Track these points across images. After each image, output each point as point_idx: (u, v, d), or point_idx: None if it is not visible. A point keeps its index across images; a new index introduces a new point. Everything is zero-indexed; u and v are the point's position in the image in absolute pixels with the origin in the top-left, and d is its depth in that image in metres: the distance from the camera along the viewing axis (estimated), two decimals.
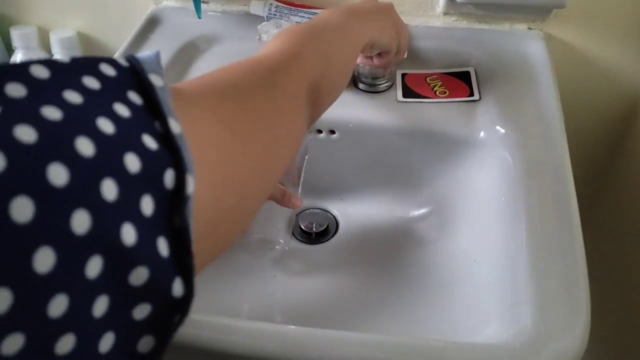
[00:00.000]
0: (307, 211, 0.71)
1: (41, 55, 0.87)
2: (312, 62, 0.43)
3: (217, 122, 0.30)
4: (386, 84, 0.68)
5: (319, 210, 0.71)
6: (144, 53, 0.27)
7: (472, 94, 0.66)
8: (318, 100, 0.44)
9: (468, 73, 0.68)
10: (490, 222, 0.56)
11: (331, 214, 0.71)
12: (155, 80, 0.26)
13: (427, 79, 0.69)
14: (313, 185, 0.67)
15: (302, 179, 0.64)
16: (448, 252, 0.61)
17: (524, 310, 0.44)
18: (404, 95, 0.67)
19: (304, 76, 0.41)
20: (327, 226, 0.69)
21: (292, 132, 0.39)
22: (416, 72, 0.70)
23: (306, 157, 0.64)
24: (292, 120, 0.39)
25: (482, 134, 0.61)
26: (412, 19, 0.73)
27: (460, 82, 0.68)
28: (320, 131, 0.67)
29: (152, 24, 0.78)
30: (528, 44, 0.70)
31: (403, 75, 0.70)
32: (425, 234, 0.65)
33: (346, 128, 0.66)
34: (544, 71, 0.67)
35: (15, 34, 0.85)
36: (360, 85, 0.68)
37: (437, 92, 0.67)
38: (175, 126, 0.25)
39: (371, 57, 0.62)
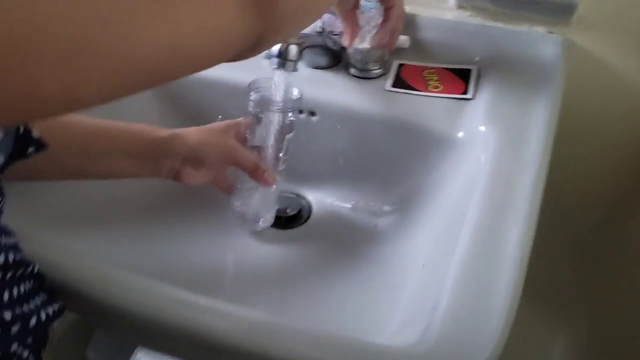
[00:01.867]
0: (282, 195, 0.68)
1: None
2: None
3: None
4: (378, 71, 0.64)
5: (293, 196, 0.68)
6: None
7: (465, 92, 0.60)
8: None
9: (469, 71, 0.63)
10: (448, 228, 0.51)
11: (306, 200, 0.68)
12: None
13: (424, 72, 0.64)
14: (291, 168, 0.65)
15: (282, 158, 0.60)
16: (404, 254, 0.56)
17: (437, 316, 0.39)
18: (394, 85, 0.63)
19: None
20: (299, 212, 0.66)
21: None
22: (414, 64, 0.65)
23: (289, 135, 0.59)
24: None
25: (461, 134, 0.56)
26: (424, 10, 0.69)
27: (458, 79, 0.63)
28: (301, 112, 0.64)
29: None
30: (543, 47, 0.64)
31: (400, 65, 0.65)
32: (388, 233, 0.60)
33: (327, 110, 0.63)
34: (552, 78, 0.60)
35: None
36: (352, 70, 0.65)
37: (429, 87, 0.62)
38: None
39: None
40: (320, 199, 0.67)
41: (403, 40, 0.66)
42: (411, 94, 0.61)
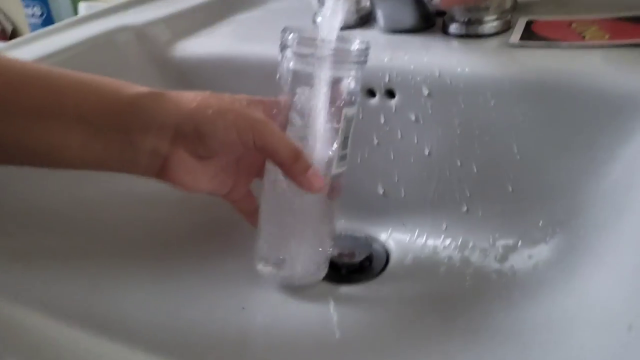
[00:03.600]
0: (342, 234, 0.43)
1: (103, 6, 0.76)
2: None
3: None
4: (494, 24, 0.40)
5: (360, 235, 0.43)
6: None
7: None
8: None
9: None
10: None
11: (380, 243, 0.42)
12: None
13: (573, 25, 0.40)
14: (354, 190, 0.41)
15: (339, 151, 0.34)
16: (575, 312, 0.28)
17: None
18: (522, 39, 0.38)
19: None
20: (369, 261, 0.41)
21: None
22: (554, 19, 0.41)
23: (349, 110, 0.34)
24: None
25: None
26: None
27: (634, 25, 0.38)
28: (372, 93, 0.41)
29: None
30: None
31: (529, 23, 0.41)
32: (534, 281, 0.33)
33: (413, 87, 0.39)
34: None
35: None
36: (453, 28, 0.41)
37: (585, 36, 0.37)
38: None
39: None
40: (402, 239, 0.42)
41: None
42: (555, 46, 0.37)
